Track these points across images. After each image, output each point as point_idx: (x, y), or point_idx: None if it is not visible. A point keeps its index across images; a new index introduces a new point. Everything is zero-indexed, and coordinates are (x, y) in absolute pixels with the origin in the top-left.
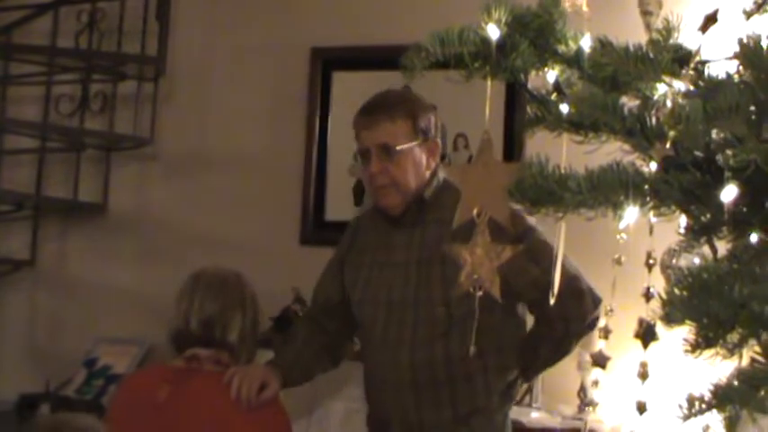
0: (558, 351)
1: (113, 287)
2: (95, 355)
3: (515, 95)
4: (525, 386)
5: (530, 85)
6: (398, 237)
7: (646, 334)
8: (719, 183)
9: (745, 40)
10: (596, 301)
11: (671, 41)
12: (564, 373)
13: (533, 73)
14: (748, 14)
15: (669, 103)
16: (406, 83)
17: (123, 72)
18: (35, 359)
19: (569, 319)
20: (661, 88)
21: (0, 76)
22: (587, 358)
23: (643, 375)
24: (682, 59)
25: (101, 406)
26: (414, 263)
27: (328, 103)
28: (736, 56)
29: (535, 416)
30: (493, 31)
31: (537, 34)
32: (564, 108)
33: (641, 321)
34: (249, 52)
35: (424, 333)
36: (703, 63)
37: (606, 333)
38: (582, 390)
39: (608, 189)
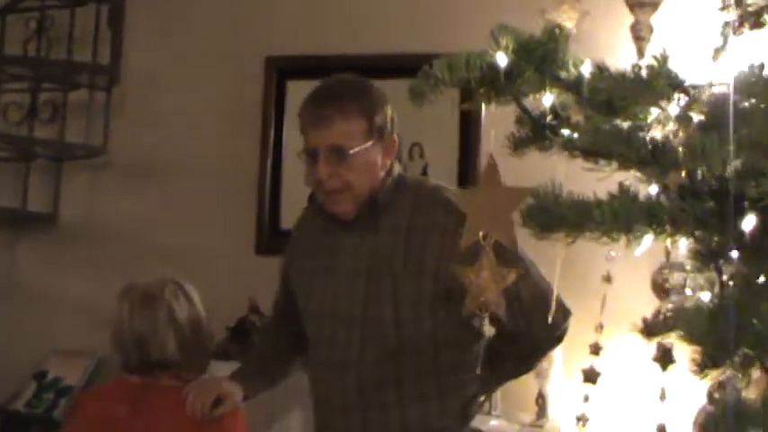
0: (524, 366)
1: (64, 298)
2: (45, 367)
3: (470, 116)
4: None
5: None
6: (346, 240)
7: (663, 357)
8: (733, 211)
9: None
10: (566, 315)
11: (666, 67)
12: (522, 381)
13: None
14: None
15: (681, 133)
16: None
17: (76, 81)
18: None
19: (537, 336)
20: (654, 112)
21: None
22: (545, 366)
23: (661, 397)
24: (677, 85)
25: (52, 420)
26: (363, 273)
27: (283, 111)
28: (738, 86)
29: (494, 423)
30: (501, 59)
31: (541, 61)
32: (565, 132)
33: (660, 345)
34: (203, 61)
35: (372, 353)
36: (695, 88)
37: (597, 349)
38: (540, 397)
39: (630, 219)
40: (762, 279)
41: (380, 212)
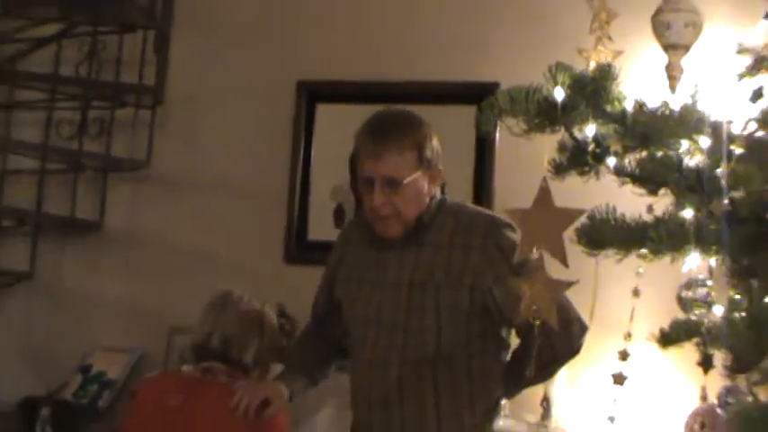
0: (543, 375)
1: (107, 299)
2: (90, 361)
3: (484, 143)
4: None
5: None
6: (392, 255)
7: (705, 362)
8: None
9: None
10: (583, 329)
11: (696, 104)
12: None
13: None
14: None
15: (721, 164)
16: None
17: (123, 100)
18: (33, 364)
19: (556, 348)
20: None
21: (6, 102)
22: None
23: (703, 398)
24: (706, 120)
25: (96, 409)
26: (405, 284)
27: (312, 132)
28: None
29: (503, 423)
30: (559, 94)
31: (592, 95)
32: (610, 160)
33: (702, 352)
34: (240, 84)
35: (413, 356)
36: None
37: (625, 356)
38: (545, 400)
39: (681, 239)
40: None
41: (424, 231)
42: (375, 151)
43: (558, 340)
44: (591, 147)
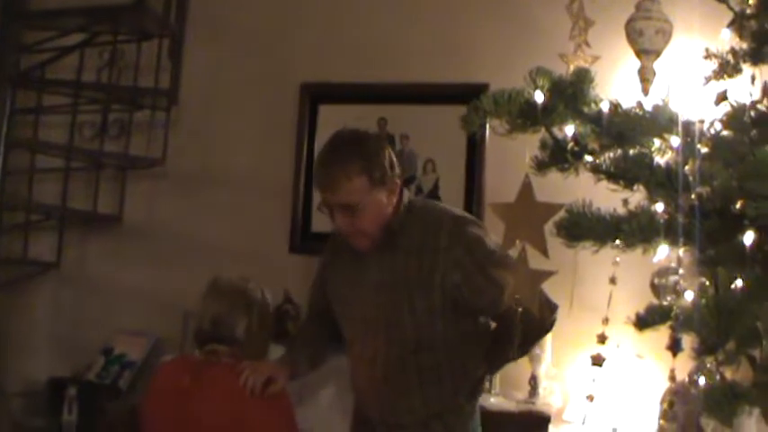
0: (519, 352)
1: (127, 287)
2: (112, 344)
3: (475, 141)
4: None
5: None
6: (370, 258)
7: (673, 345)
8: (736, 228)
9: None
10: (553, 308)
11: (667, 105)
12: (518, 365)
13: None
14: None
15: (689, 161)
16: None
17: (140, 103)
18: (60, 348)
19: (529, 327)
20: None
21: (34, 106)
22: (538, 353)
23: (672, 378)
24: (676, 120)
25: (118, 388)
26: (385, 285)
27: (315, 131)
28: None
29: (493, 401)
30: (539, 96)
31: (570, 98)
32: (588, 157)
33: (672, 336)
34: (248, 86)
35: (396, 351)
36: (701, 122)
37: (603, 339)
38: (532, 378)
39: (652, 232)
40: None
41: (397, 234)
42: (326, 183)
43: (531, 321)
44: (570, 145)
